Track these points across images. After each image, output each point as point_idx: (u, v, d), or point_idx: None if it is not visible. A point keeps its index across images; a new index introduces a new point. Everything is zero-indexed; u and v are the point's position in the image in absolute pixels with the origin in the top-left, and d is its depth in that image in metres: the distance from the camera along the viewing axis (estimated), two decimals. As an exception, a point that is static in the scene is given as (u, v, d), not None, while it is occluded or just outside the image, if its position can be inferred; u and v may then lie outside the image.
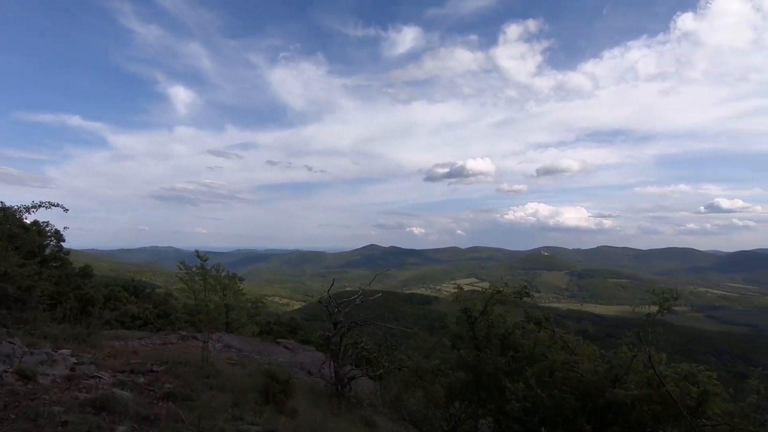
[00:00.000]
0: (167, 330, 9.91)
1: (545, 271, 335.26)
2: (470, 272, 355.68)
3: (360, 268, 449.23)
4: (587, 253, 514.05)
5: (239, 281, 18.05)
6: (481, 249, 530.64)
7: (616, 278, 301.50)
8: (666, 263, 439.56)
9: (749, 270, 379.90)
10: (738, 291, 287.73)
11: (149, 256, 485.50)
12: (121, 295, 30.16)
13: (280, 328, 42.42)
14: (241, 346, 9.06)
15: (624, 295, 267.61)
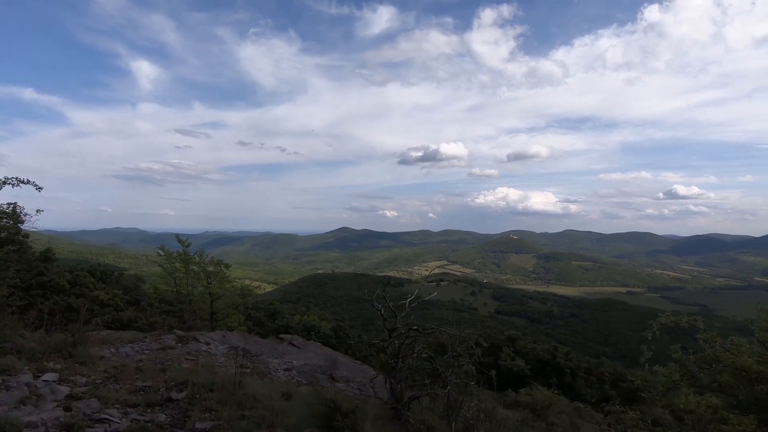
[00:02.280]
0: (159, 330, 8.57)
1: (514, 254, 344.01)
2: (441, 255, 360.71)
3: (333, 250, 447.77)
4: (554, 236, 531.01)
5: (225, 268, 16.64)
6: (452, 232, 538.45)
7: (580, 261, 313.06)
8: (626, 247, 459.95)
9: (701, 253, 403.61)
10: (691, 273, 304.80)
11: (112, 238, 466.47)
12: (87, 281, 27.95)
13: (257, 313, 41.03)
14: (246, 346, 7.90)
15: (587, 277, 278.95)
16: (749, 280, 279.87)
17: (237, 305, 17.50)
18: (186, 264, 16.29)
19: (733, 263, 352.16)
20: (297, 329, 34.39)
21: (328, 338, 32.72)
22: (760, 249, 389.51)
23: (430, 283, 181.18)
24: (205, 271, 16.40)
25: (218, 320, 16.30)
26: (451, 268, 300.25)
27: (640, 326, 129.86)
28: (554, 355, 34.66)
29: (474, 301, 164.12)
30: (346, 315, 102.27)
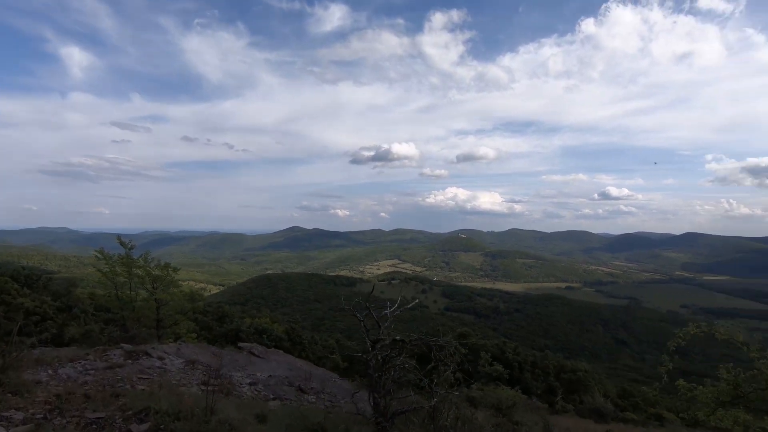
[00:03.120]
0: (102, 345, 7.63)
1: (462, 253, 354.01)
2: (393, 254, 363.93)
3: (283, 250, 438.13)
4: (500, 235, 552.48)
5: (174, 272, 15.54)
6: (403, 231, 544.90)
7: (524, 258, 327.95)
8: (565, 244, 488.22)
9: (631, 250, 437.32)
10: (622, 268, 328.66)
11: (38, 238, 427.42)
12: (10, 287, 25.23)
13: (205, 317, 39.02)
14: (204, 359, 7.28)
15: (530, 274, 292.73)
16: (670, 274, 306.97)
17: (186, 311, 16.44)
18: (128, 268, 15.06)
19: (658, 259, 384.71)
20: (248, 333, 33.10)
21: (281, 341, 31.78)
22: (679, 246, 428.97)
23: (382, 282, 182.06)
24: (151, 276, 15.27)
25: (165, 327, 15.24)
26: (403, 267, 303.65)
27: (578, 319, 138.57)
28: (503, 351, 35.92)
29: (425, 299, 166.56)
30: (297, 316, 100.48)
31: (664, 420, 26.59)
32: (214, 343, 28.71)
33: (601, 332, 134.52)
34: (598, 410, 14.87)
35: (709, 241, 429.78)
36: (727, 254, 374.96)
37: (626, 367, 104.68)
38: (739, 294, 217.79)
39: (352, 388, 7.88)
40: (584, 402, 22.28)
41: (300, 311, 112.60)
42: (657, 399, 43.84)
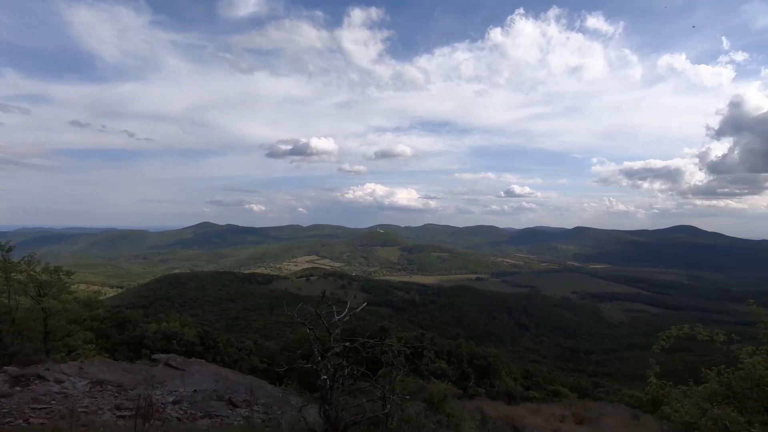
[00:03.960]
0: None
1: (380, 247, 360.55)
2: (311, 250, 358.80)
3: (192, 247, 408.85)
4: (416, 230, 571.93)
5: (67, 275, 13.57)
6: (322, 227, 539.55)
7: (438, 252, 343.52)
8: (475, 238, 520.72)
9: (532, 243, 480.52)
10: (524, 260, 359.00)
11: None
12: None
13: (103, 324, 34.92)
14: (114, 377, 6.37)
15: (444, 267, 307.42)
16: (563, 264, 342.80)
17: (82, 320, 14.52)
18: (6, 272, 12.90)
19: (554, 250, 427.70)
20: (154, 339, 30.38)
21: (193, 346, 29.63)
22: (571, 238, 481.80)
23: (300, 278, 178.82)
24: (36, 281, 13.23)
25: (56, 341, 13.33)
26: (321, 262, 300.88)
27: (486, 308, 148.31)
28: (422, 341, 37.36)
29: (344, 295, 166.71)
30: (209, 317, 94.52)
31: (561, 395, 29.76)
32: (114, 353, 25.86)
33: (506, 319, 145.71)
34: (509, 392, 16.13)
35: (595, 234, 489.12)
36: (608, 245, 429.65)
37: (527, 350, 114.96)
38: (617, 280, 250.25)
39: (289, 395, 7.54)
40: (494, 385, 24.05)
41: (212, 312, 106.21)
42: (554, 377, 48.73)
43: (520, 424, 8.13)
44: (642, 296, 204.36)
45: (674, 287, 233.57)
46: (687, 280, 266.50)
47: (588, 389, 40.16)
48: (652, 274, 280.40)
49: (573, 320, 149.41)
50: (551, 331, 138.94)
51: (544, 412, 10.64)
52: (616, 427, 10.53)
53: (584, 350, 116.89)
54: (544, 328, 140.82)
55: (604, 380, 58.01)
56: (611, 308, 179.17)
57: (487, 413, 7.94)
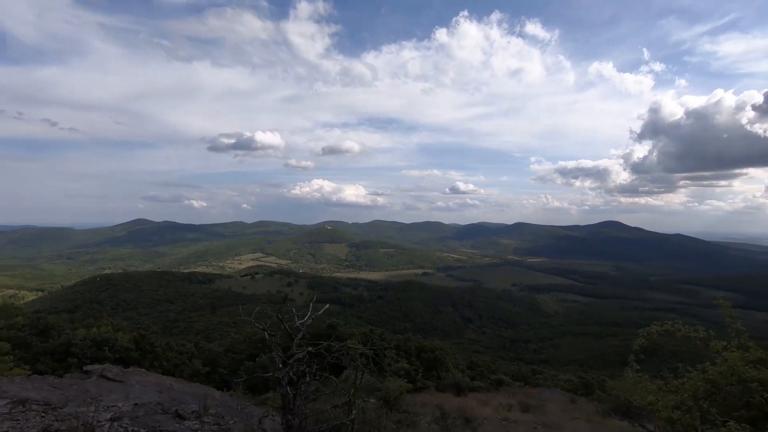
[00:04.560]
0: None
1: (328, 244, 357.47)
2: (256, 247, 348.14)
3: (125, 246, 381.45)
4: (363, 226, 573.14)
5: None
6: (268, 223, 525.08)
7: (385, 248, 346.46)
8: (422, 234, 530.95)
9: (475, 238, 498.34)
10: (468, 254, 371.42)
11: None
12: None
13: (21, 332, 31.66)
14: (39, 394, 5.65)
15: (391, 263, 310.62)
16: (504, 258, 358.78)
17: (-3, 329, 13.03)
18: None
19: (495, 245, 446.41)
20: (83, 347, 28.04)
21: (128, 352, 27.71)
22: (511, 234, 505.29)
23: (244, 277, 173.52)
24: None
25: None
26: (267, 260, 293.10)
27: (432, 302, 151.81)
28: (370, 337, 37.51)
29: (291, 292, 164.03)
30: (145, 320, 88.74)
31: (503, 384, 31.20)
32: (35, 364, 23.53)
33: (451, 312, 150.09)
34: (456, 384, 16.62)
35: (533, 229, 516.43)
36: (545, 240, 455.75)
37: (471, 341, 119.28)
38: (553, 272, 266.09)
39: (242, 403, 7.16)
40: (441, 377, 24.70)
41: (149, 315, 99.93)
42: (496, 366, 50.92)
43: (472, 416, 8.42)
44: (574, 287, 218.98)
45: (602, 278, 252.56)
46: (613, 270, 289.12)
47: (527, 376, 42.44)
48: (583, 266, 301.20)
49: (513, 311, 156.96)
50: (493, 323, 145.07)
51: (491, 402, 11.11)
52: (557, 411, 11.25)
53: (523, 339, 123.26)
54: (487, 320, 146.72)
55: (542, 367, 61.46)
56: (547, 299, 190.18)
57: (445, 408, 8.12)
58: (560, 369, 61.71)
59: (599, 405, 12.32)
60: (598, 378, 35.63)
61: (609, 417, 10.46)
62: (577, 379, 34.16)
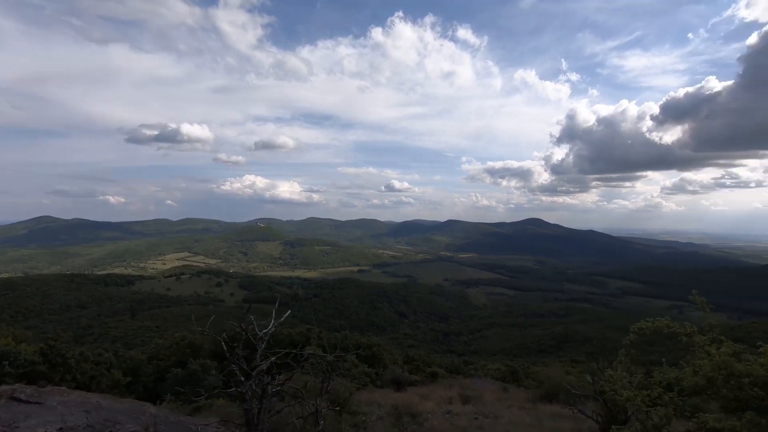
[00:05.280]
0: None
1: (261, 242, 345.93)
2: (182, 246, 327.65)
3: (28, 245, 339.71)
4: (298, 223, 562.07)
5: None
6: (195, 221, 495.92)
7: (321, 246, 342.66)
8: (357, 231, 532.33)
9: (410, 235, 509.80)
10: (403, 251, 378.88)
11: None
12: None
13: None
14: None
15: (327, 260, 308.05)
16: (437, 254, 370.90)
17: None
18: None
19: (429, 242, 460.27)
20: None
21: (34, 366, 24.74)
22: (444, 231, 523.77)
23: (169, 277, 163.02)
24: None
25: None
26: (194, 260, 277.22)
27: (368, 299, 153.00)
28: (308, 337, 36.91)
29: (220, 293, 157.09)
30: (53, 328, 79.70)
31: (438, 376, 32.33)
32: None
33: (386, 308, 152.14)
34: (396, 379, 16.89)
35: (464, 226, 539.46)
36: (474, 237, 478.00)
37: (406, 336, 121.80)
38: (482, 267, 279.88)
39: (184, 419, 6.58)
40: (379, 374, 24.98)
41: (57, 322, 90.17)
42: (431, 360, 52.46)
43: (416, 411, 8.61)
44: (501, 281, 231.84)
45: (525, 271, 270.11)
46: (535, 264, 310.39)
47: (460, 368, 44.30)
48: (509, 260, 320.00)
49: (445, 305, 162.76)
50: (427, 317, 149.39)
51: (432, 396, 11.45)
52: (493, 401, 11.88)
53: (455, 332, 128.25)
54: (421, 315, 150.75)
55: (472, 358, 64.41)
56: (477, 293, 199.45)
57: (397, 406, 8.19)
58: (489, 359, 65.09)
59: (529, 392, 13.18)
60: (523, 365, 38.12)
61: (540, 403, 11.28)
62: (505, 367, 36.13)
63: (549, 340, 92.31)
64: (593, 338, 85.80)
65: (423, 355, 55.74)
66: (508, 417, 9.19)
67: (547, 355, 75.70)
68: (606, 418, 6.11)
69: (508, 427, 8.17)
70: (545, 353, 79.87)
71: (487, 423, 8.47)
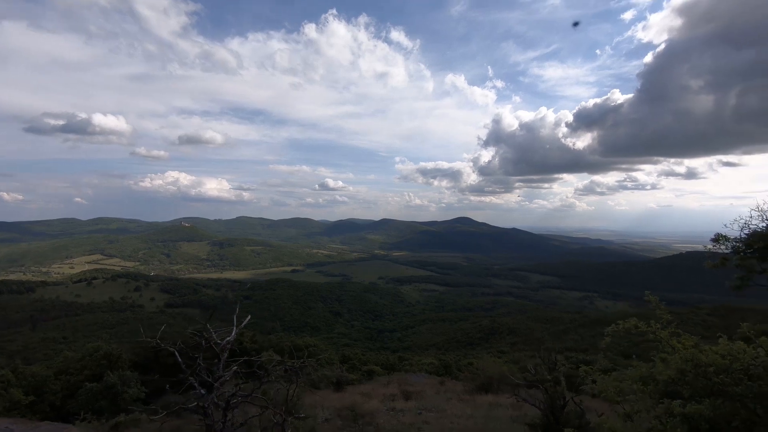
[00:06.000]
0: None
1: (186, 242, 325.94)
2: (94, 248, 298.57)
3: None
4: (228, 223, 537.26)
5: None
6: (109, 220, 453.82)
7: (252, 246, 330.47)
8: (291, 230, 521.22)
9: (344, 233, 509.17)
10: (337, 250, 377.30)
11: None
12: None
13: None
14: None
15: (259, 261, 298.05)
16: (371, 253, 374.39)
17: None
18: None
19: (363, 241, 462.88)
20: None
21: None
22: (378, 229, 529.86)
23: (78, 283, 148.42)
24: None
25: None
26: (109, 263, 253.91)
27: (302, 299, 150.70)
28: (241, 342, 35.53)
29: (139, 298, 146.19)
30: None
31: (375, 374, 32.76)
32: None
33: (321, 308, 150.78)
34: (336, 380, 16.82)
35: (397, 225, 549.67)
36: (407, 235, 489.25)
37: (341, 335, 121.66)
38: (414, 264, 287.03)
39: None
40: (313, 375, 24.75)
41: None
42: (366, 358, 52.93)
43: (361, 411, 8.63)
44: (433, 278, 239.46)
45: (455, 268, 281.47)
46: (464, 261, 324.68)
47: (395, 364, 45.18)
48: (440, 258, 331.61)
49: (379, 303, 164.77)
50: (361, 315, 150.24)
51: (375, 394, 11.55)
52: (432, 395, 12.27)
53: (389, 329, 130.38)
54: (355, 313, 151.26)
55: (406, 354, 65.94)
56: (410, 290, 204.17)
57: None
58: (422, 354, 67.03)
59: (465, 384, 13.80)
60: (455, 359, 39.76)
61: (476, 394, 11.87)
62: (438, 361, 37.40)
63: (477, 332, 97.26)
64: (517, 329, 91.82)
65: (359, 353, 56.09)
66: (450, 410, 9.57)
67: (475, 347, 79.71)
68: (547, 404, 6.69)
69: (453, 419, 8.52)
70: (474, 345, 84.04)
71: (432, 417, 8.76)
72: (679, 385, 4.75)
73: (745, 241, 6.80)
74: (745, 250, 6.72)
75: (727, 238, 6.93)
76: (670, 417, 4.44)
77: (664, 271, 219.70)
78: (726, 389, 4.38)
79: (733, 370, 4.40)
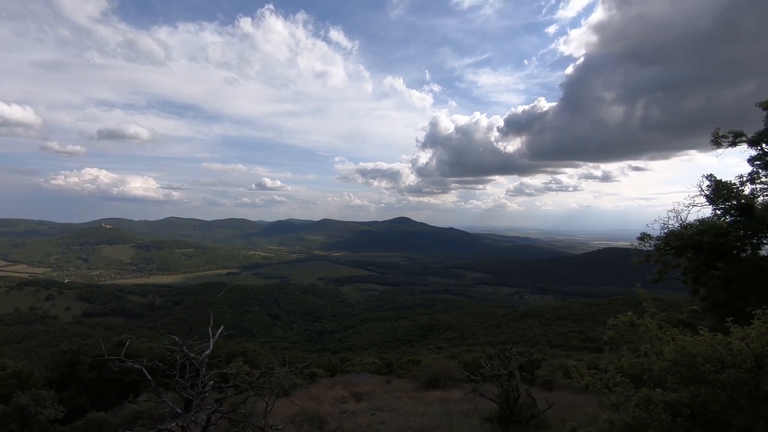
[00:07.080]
0: None
1: (107, 245, 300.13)
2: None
3: None
4: (155, 224, 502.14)
5: None
6: (13, 222, 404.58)
7: (183, 248, 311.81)
8: (225, 231, 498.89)
9: (282, 234, 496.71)
10: (275, 251, 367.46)
11: None
12: None
13: None
14: None
15: (191, 264, 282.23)
16: (311, 253, 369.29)
17: None
18: None
19: (302, 241, 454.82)
20: None
21: None
22: (317, 230, 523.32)
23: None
24: None
25: None
26: (13, 269, 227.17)
27: (237, 302, 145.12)
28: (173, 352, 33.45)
29: (51, 308, 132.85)
30: None
31: (318, 377, 32.41)
32: None
33: (258, 311, 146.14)
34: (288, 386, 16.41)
35: (337, 225, 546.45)
36: (347, 235, 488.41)
37: (279, 338, 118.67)
38: (354, 265, 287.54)
39: None
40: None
41: None
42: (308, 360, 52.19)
43: (313, 415, 8.48)
44: (372, 277, 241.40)
45: (395, 267, 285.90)
46: (403, 260, 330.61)
47: (337, 365, 44.94)
48: (379, 257, 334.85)
49: (319, 304, 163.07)
50: (300, 317, 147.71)
51: (324, 397, 11.43)
52: (380, 394, 12.38)
53: (329, 330, 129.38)
54: (294, 315, 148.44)
55: (348, 354, 65.86)
56: (350, 290, 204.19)
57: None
58: (363, 353, 67.28)
59: (412, 382, 14.07)
60: (396, 357, 40.35)
61: (424, 390, 12.16)
62: (380, 360, 37.76)
63: (416, 330, 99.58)
64: (454, 325, 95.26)
65: (300, 356, 55.14)
66: (402, 408, 9.71)
67: (415, 344, 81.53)
68: (502, 397, 7.05)
69: (408, 417, 8.67)
70: (413, 343, 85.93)
71: (387, 417, 8.84)
72: (670, 374, 5.01)
73: (664, 239, 7.77)
74: (664, 248, 7.65)
75: (650, 237, 7.77)
76: (650, 405, 4.75)
77: (584, 266, 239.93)
78: (708, 377, 4.72)
79: (713, 360, 4.77)
